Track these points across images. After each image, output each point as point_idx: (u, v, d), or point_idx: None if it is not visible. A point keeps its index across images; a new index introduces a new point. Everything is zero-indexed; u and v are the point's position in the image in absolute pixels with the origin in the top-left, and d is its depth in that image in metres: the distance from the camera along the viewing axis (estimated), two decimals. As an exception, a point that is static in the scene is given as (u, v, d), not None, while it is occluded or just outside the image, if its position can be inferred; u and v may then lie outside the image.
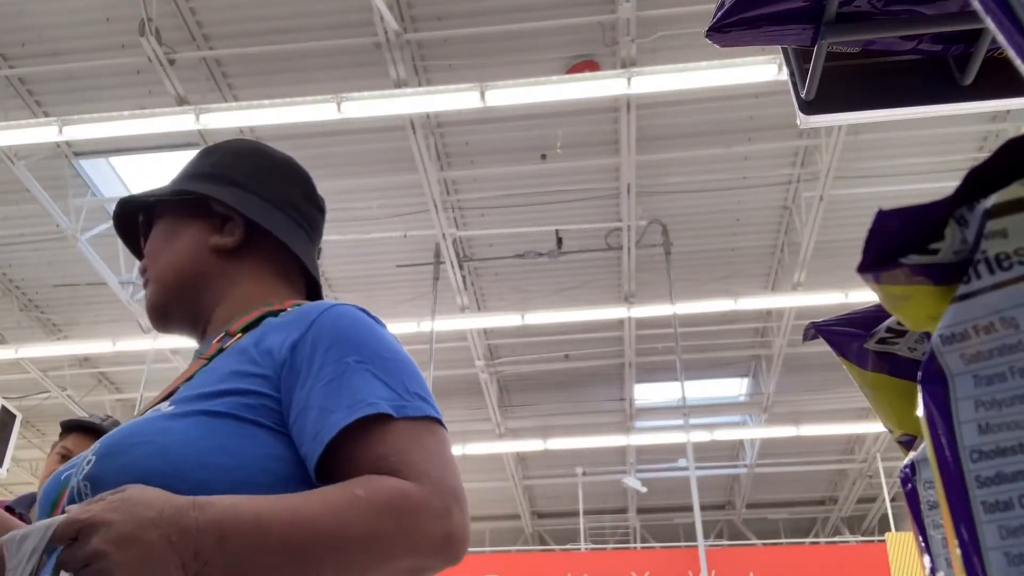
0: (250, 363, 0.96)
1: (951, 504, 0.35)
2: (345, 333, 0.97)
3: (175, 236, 1.15)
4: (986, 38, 0.96)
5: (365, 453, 0.87)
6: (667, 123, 6.42)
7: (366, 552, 0.81)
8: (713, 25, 0.99)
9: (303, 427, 0.90)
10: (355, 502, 0.82)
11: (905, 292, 0.38)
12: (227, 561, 0.78)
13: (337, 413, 0.88)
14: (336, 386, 0.91)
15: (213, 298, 1.13)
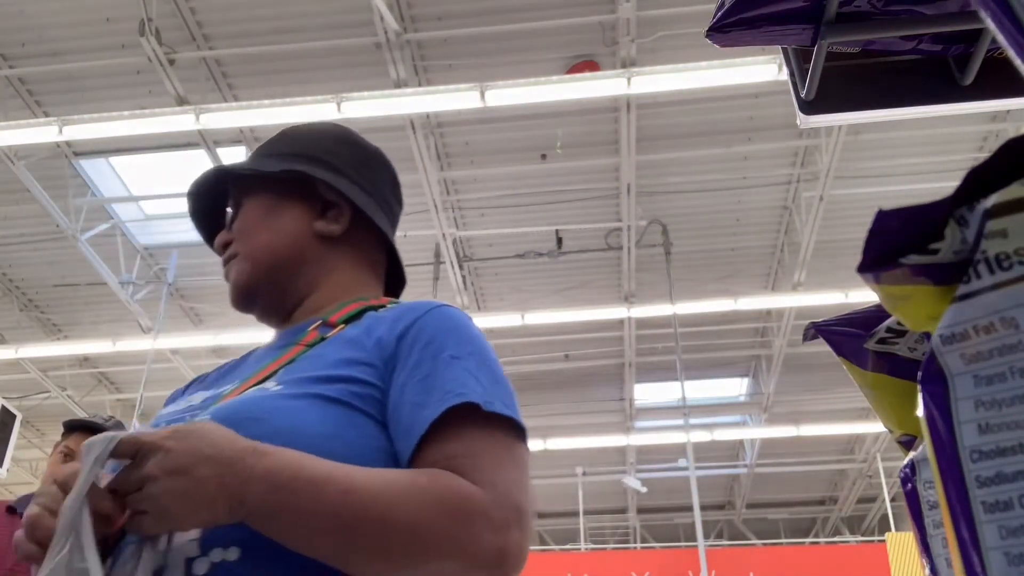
0: (362, 351, 0.94)
1: (951, 504, 0.35)
2: (445, 331, 0.96)
3: (275, 215, 1.10)
4: (986, 38, 0.96)
5: (440, 448, 0.85)
6: (667, 123, 6.42)
7: (407, 542, 0.79)
8: (713, 25, 0.99)
9: (397, 422, 0.89)
10: (412, 490, 0.80)
11: (905, 292, 0.38)
12: (270, 513, 0.76)
13: (428, 408, 0.86)
14: (429, 381, 0.89)
15: (307, 284, 1.09)
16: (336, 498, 0.78)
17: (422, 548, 0.79)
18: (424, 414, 0.86)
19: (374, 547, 0.78)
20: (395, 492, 0.80)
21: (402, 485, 0.80)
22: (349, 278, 1.11)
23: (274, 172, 1.11)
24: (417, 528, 0.78)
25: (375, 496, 0.79)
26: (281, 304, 1.10)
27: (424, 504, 0.79)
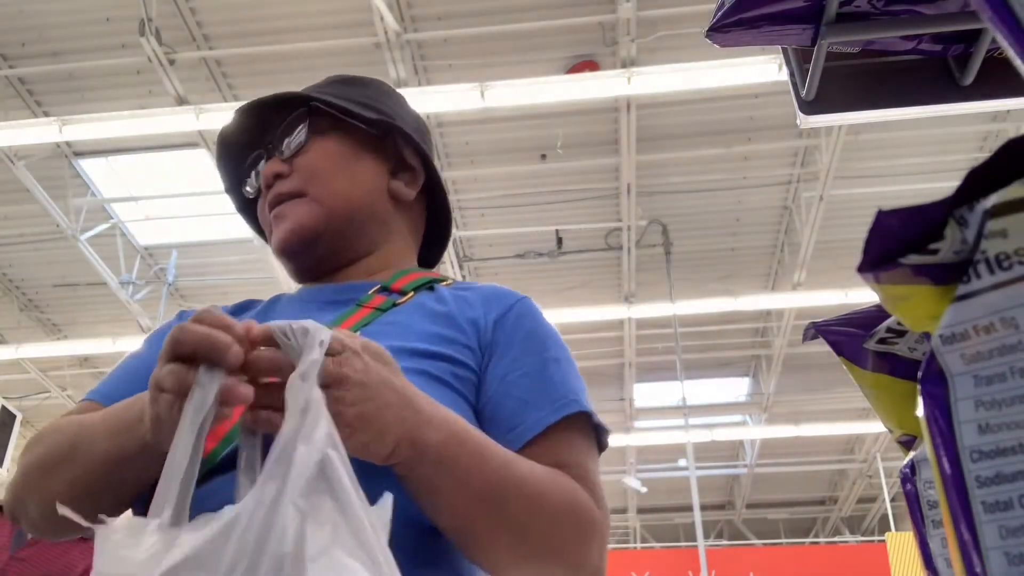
0: (456, 331, 0.91)
1: (951, 504, 0.35)
2: (543, 329, 0.94)
3: (355, 163, 1.03)
4: (986, 38, 0.96)
5: (549, 452, 0.83)
6: (667, 123, 6.42)
7: (544, 533, 0.77)
8: (713, 25, 0.99)
9: (496, 416, 0.86)
10: (556, 486, 0.78)
11: (905, 292, 0.38)
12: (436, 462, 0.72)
13: (541, 409, 0.84)
14: (537, 380, 0.87)
15: (369, 242, 1.03)
16: (497, 466, 0.75)
17: (552, 545, 0.78)
18: (536, 415, 0.84)
19: (514, 528, 0.76)
20: (543, 482, 0.78)
21: (547, 477, 0.79)
22: (403, 246, 1.07)
23: (369, 118, 1.03)
24: (556, 523, 0.77)
25: (527, 479, 0.77)
26: (337, 259, 1.02)
27: (564, 504, 0.78)
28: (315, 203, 1.00)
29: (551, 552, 0.78)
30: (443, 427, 0.73)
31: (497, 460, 0.76)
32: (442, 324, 0.91)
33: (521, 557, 0.77)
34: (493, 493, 0.74)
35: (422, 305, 0.94)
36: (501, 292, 0.97)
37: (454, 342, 0.89)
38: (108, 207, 7.16)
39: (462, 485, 0.73)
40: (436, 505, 0.74)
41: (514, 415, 0.85)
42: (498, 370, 0.89)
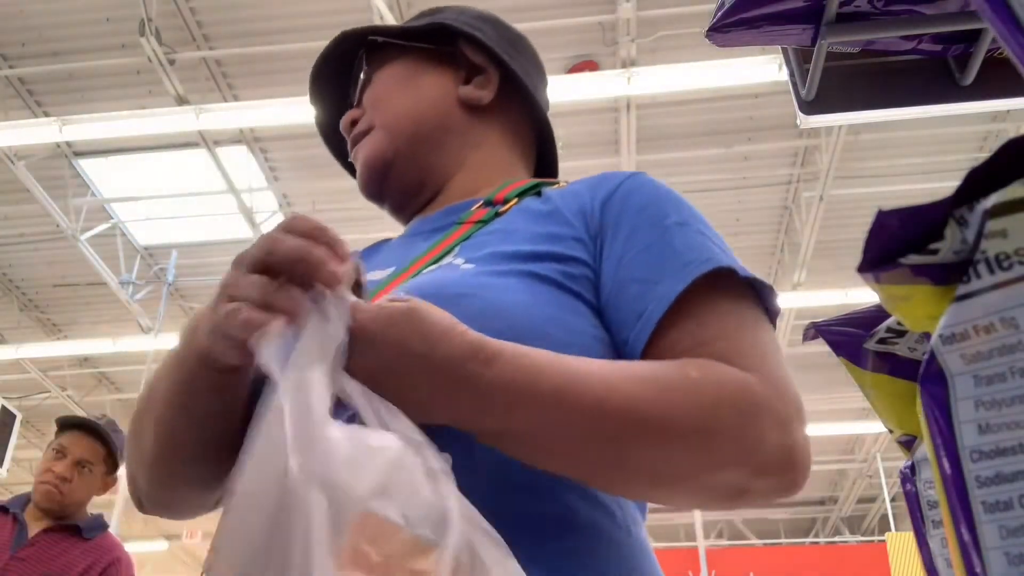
0: (564, 225, 0.79)
1: (951, 504, 0.35)
2: (659, 197, 0.81)
3: (413, 81, 0.97)
4: (986, 38, 0.96)
5: (687, 332, 0.68)
6: (667, 123, 6.42)
7: (690, 451, 0.63)
8: (713, 25, 0.99)
9: (620, 306, 0.73)
10: (687, 385, 0.64)
11: (905, 292, 0.38)
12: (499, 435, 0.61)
13: (664, 283, 0.70)
14: (658, 251, 0.73)
15: (452, 159, 0.95)
16: (591, 408, 0.61)
17: (706, 457, 0.63)
18: (660, 290, 0.70)
19: (644, 459, 0.63)
20: (664, 389, 0.63)
21: (673, 380, 0.64)
22: (500, 157, 0.98)
23: (414, 27, 0.98)
24: (697, 433, 0.62)
25: (636, 397, 0.62)
26: (421, 184, 0.94)
27: (703, 402, 0.63)
28: (380, 131, 0.94)
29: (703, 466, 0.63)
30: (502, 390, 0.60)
31: (591, 400, 0.61)
32: (547, 222, 0.80)
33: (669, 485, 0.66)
34: (597, 435, 0.61)
35: (526, 209, 0.84)
36: (606, 176, 0.85)
37: (561, 238, 0.77)
38: (108, 207, 7.16)
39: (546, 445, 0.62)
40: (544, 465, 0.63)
41: (637, 300, 0.71)
42: (612, 255, 0.75)
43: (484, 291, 0.70)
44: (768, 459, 0.64)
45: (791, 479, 0.66)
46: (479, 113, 0.97)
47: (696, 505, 0.69)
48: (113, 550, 2.93)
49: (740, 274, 0.71)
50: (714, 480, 0.64)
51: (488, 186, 0.93)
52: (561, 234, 0.78)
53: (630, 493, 0.68)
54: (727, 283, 0.71)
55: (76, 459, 2.90)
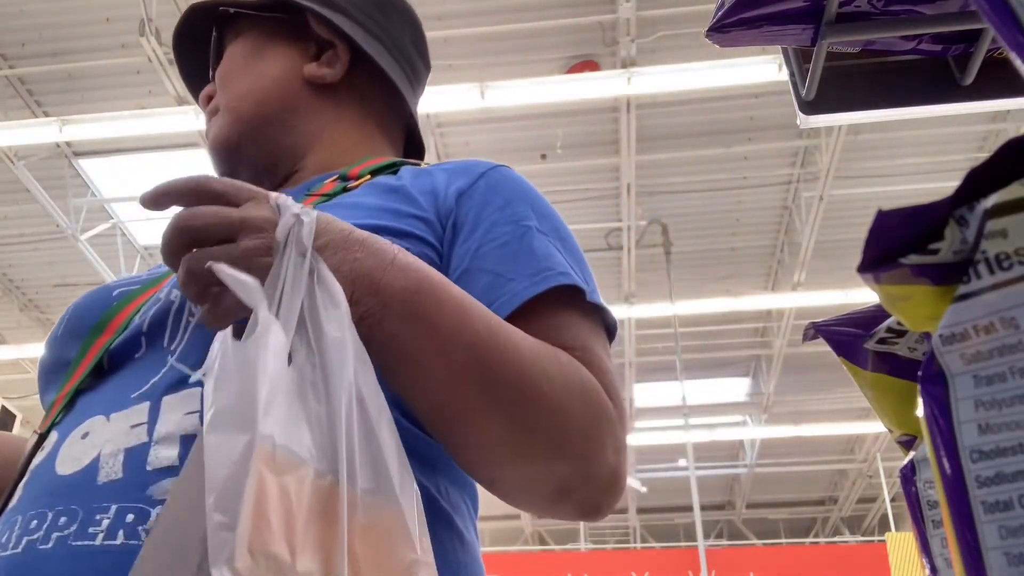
0: (409, 203, 0.78)
1: (951, 504, 0.35)
2: (522, 193, 0.81)
3: (258, 58, 0.93)
4: (986, 38, 0.96)
5: (546, 334, 0.68)
6: (667, 123, 6.42)
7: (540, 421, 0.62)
8: (713, 25, 0.99)
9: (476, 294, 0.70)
10: (556, 361, 0.64)
11: (905, 292, 0.38)
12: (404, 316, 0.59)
13: (518, 281, 0.71)
14: (515, 249, 0.73)
15: (302, 139, 0.92)
16: (483, 328, 0.61)
17: (555, 434, 0.63)
18: (513, 287, 0.70)
19: (507, 410, 0.62)
20: (541, 356, 0.63)
21: (546, 353, 0.64)
22: (357, 135, 0.95)
23: (250, 5, 0.95)
24: (559, 407, 0.62)
25: (520, 347, 0.62)
26: (271, 164, 0.92)
27: (570, 386, 0.64)
28: (224, 114, 0.92)
29: (553, 443, 0.63)
30: (412, 272, 0.61)
31: (482, 320, 0.62)
32: (390, 198, 0.79)
33: (515, 450, 0.63)
34: (480, 361, 0.60)
35: (376, 185, 0.82)
36: (468, 164, 0.84)
37: (407, 215, 0.76)
38: (108, 207, 7.16)
39: (440, 349, 0.60)
40: (409, 378, 0.61)
41: (487, 291, 0.70)
42: (468, 245, 0.75)
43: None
44: (600, 471, 0.65)
45: (607, 501, 0.67)
46: (330, 91, 0.94)
47: (519, 492, 0.67)
48: None
49: (587, 297, 0.73)
50: (550, 467, 0.64)
51: (346, 162, 0.90)
52: (405, 211, 0.77)
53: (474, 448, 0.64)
54: (576, 300, 0.73)
55: None
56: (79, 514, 0.59)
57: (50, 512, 0.60)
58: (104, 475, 0.61)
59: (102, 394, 0.69)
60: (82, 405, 0.69)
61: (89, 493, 0.60)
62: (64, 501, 0.61)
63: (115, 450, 0.62)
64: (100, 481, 0.61)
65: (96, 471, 0.62)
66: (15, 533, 0.61)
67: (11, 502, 0.66)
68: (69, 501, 0.61)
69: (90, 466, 0.62)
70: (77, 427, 0.66)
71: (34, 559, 0.58)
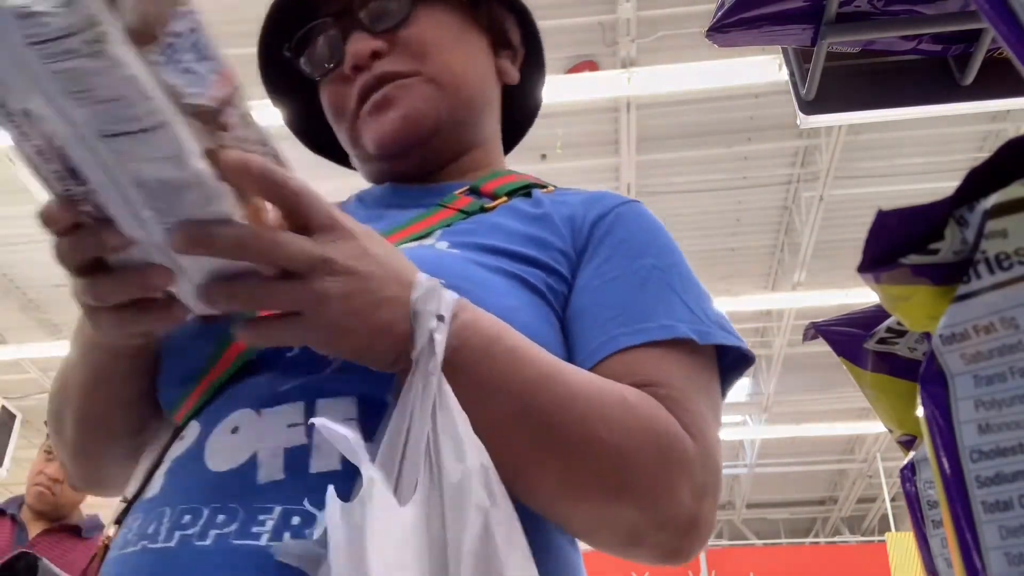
0: (553, 233, 0.75)
1: (951, 504, 0.35)
2: (645, 230, 0.78)
3: (464, 40, 0.85)
4: (986, 38, 0.96)
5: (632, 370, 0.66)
6: (667, 123, 6.42)
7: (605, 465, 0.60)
8: (713, 25, 0.99)
9: (575, 331, 0.70)
10: (622, 404, 0.61)
11: (905, 292, 0.38)
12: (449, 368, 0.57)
13: (621, 326, 0.68)
14: (623, 289, 0.70)
15: (475, 140, 0.86)
16: (532, 376, 0.59)
17: (618, 481, 0.60)
18: (612, 330, 0.68)
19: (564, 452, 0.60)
20: (603, 397, 0.61)
21: (610, 396, 0.61)
22: (494, 145, 0.91)
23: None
24: (621, 453, 0.60)
25: (577, 392, 0.60)
26: (443, 157, 0.85)
27: (634, 428, 0.61)
28: (431, 86, 0.80)
29: (614, 489, 0.60)
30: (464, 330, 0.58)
31: (536, 366, 0.60)
32: (537, 225, 0.75)
33: (576, 495, 0.61)
34: (529, 409, 0.59)
35: (515, 208, 0.78)
36: (603, 196, 0.81)
37: (548, 246, 0.74)
38: (108, 207, 7.16)
39: (493, 394, 0.58)
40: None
41: (587, 333, 0.69)
42: (583, 277, 0.73)
43: (473, 286, 0.65)
44: (673, 516, 0.62)
45: (686, 547, 0.63)
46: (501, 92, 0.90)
47: (590, 535, 0.65)
48: None
49: (699, 342, 0.68)
50: (615, 511, 0.61)
51: (477, 170, 0.87)
52: (549, 242, 0.75)
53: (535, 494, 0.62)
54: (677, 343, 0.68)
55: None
56: (239, 513, 0.58)
57: (205, 508, 0.59)
58: (264, 475, 0.59)
59: (249, 387, 0.66)
60: (225, 396, 0.66)
61: (249, 492, 0.59)
62: (220, 498, 0.59)
63: (274, 450, 0.60)
64: (260, 481, 0.59)
65: (255, 469, 0.60)
66: (164, 525, 0.59)
67: (148, 490, 0.65)
68: (226, 499, 0.59)
69: (247, 464, 0.60)
70: (223, 420, 0.64)
71: (190, 554, 0.57)
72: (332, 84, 0.84)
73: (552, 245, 0.74)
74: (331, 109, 0.86)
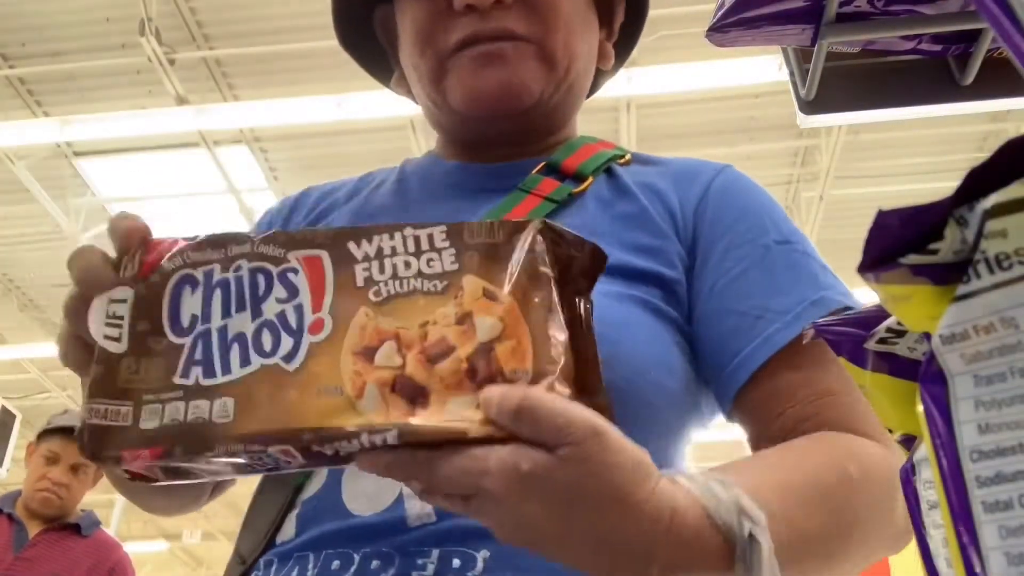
0: (657, 234, 0.69)
1: (951, 504, 0.35)
2: (751, 203, 0.72)
3: (587, 21, 0.80)
4: (986, 38, 0.96)
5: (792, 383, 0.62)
6: (667, 123, 6.42)
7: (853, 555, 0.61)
8: (713, 25, 0.99)
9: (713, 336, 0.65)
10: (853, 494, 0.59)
11: (905, 292, 0.38)
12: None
13: (769, 322, 0.63)
14: (759, 279, 0.66)
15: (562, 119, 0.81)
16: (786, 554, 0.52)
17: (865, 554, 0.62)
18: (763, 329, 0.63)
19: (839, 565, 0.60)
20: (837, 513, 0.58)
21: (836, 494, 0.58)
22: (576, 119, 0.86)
23: None
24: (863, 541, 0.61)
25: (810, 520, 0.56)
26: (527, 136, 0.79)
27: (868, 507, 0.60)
28: (545, 59, 0.75)
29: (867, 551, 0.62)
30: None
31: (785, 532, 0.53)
32: (641, 229, 0.69)
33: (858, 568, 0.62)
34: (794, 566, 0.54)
35: (605, 200, 0.73)
36: (689, 166, 0.76)
37: (660, 253, 0.68)
38: (108, 207, 7.16)
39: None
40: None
41: (733, 336, 0.64)
42: (706, 278, 0.67)
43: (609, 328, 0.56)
44: (895, 536, 0.65)
45: (899, 547, 0.67)
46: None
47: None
48: (116, 549, 2.97)
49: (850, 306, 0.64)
50: (863, 562, 0.63)
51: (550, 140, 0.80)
52: (660, 248, 0.69)
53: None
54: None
55: (71, 464, 2.93)
56: (395, 558, 0.55)
57: (356, 554, 0.56)
58: (415, 518, 0.57)
59: None
60: None
61: (401, 535, 0.57)
62: (371, 543, 0.57)
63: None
64: (412, 523, 0.57)
65: (403, 511, 0.57)
66: (311, 571, 0.57)
67: (282, 534, 0.62)
68: (377, 543, 0.57)
69: (394, 505, 0.58)
70: None
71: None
72: (430, 6, 0.76)
73: (663, 250, 0.69)
74: (418, 32, 0.77)
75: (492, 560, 0.55)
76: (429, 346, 0.45)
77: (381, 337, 0.46)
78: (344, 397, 0.44)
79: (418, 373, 0.45)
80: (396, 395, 0.44)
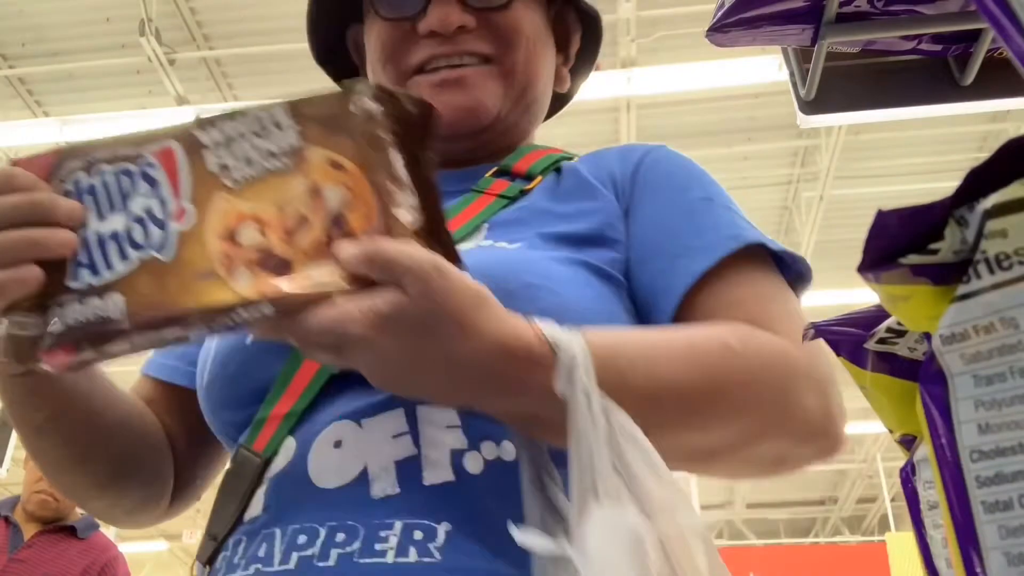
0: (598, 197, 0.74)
1: (951, 504, 0.35)
2: (682, 167, 0.80)
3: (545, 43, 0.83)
4: (986, 38, 0.96)
5: (717, 297, 0.67)
6: (667, 123, 6.42)
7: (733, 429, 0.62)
8: (713, 25, 0.99)
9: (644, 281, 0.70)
10: (728, 359, 0.61)
11: (905, 292, 0.38)
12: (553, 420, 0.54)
13: (692, 258, 0.68)
14: (682, 228, 0.71)
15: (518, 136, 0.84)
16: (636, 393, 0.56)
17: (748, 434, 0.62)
18: (686, 265, 0.68)
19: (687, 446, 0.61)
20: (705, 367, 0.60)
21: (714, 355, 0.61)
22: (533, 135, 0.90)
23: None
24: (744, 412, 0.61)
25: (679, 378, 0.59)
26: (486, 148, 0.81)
27: (747, 380, 0.62)
28: (504, 78, 0.78)
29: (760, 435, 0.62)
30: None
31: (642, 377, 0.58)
32: (584, 196, 0.74)
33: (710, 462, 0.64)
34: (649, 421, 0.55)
35: (552, 188, 0.76)
36: (626, 149, 0.81)
37: (602, 213, 0.72)
38: (108, 207, 7.16)
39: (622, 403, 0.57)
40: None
41: (662, 275, 0.68)
42: (635, 225, 0.72)
43: (555, 283, 0.64)
44: (809, 426, 0.64)
45: (831, 444, 0.67)
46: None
47: (732, 476, 0.70)
48: (109, 548, 2.96)
49: (769, 247, 0.71)
50: (754, 452, 0.64)
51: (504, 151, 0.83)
52: (599, 208, 0.73)
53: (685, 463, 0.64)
54: (754, 256, 0.70)
55: None
56: (359, 530, 0.57)
57: (321, 527, 0.58)
58: (379, 490, 0.59)
59: (341, 397, 0.63)
60: (317, 408, 0.64)
61: (365, 508, 0.58)
62: (336, 516, 0.58)
63: (384, 463, 0.59)
64: (375, 496, 0.58)
65: (367, 485, 0.59)
66: (278, 547, 0.58)
67: (250, 511, 0.63)
68: (343, 516, 0.58)
69: (359, 479, 0.59)
70: (321, 433, 0.62)
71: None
72: (395, 29, 0.80)
73: (603, 211, 0.73)
74: (382, 52, 0.81)
75: (454, 531, 0.57)
76: (286, 221, 0.51)
77: (242, 219, 0.52)
78: (218, 279, 0.50)
79: (280, 248, 0.51)
80: (264, 270, 0.50)
